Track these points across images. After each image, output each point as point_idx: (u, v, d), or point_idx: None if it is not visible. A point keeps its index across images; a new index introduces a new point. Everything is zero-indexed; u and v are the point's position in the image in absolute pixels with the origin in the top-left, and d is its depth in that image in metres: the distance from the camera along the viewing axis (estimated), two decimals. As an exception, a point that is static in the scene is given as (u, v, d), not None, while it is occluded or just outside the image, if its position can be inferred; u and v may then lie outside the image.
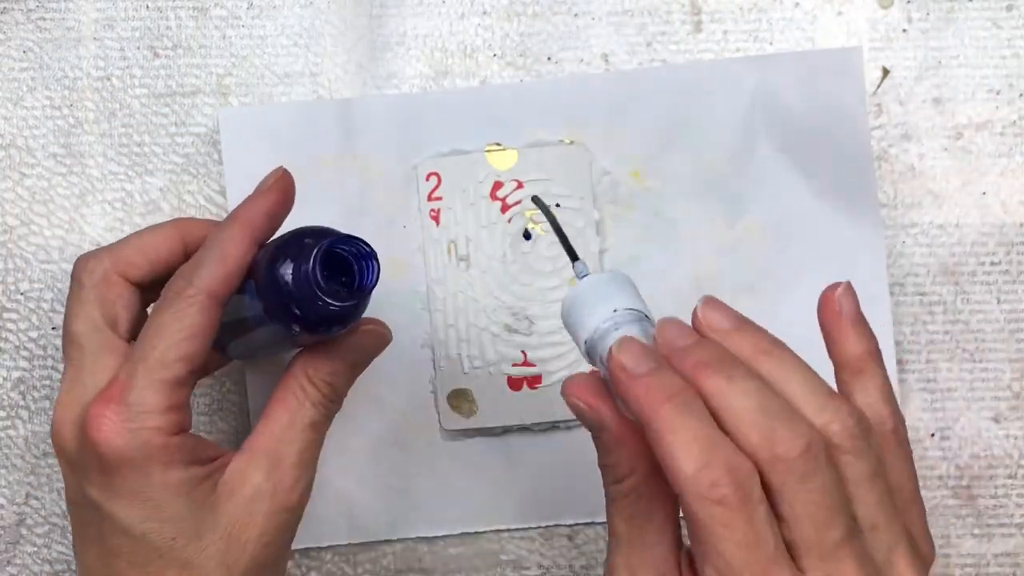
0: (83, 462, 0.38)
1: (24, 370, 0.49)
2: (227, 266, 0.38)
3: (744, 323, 0.35)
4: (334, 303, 0.37)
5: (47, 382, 0.48)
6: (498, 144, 0.48)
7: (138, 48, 0.49)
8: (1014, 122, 0.49)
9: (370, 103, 0.49)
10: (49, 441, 0.48)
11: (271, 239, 0.39)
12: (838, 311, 0.36)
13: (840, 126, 0.48)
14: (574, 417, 0.46)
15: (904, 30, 0.49)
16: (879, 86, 0.49)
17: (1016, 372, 0.49)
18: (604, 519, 0.48)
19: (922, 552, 0.34)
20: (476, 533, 0.49)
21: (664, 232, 0.49)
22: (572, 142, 0.48)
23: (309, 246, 0.36)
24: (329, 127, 0.48)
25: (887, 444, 0.35)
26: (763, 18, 0.49)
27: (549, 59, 0.49)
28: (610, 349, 0.34)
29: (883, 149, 0.49)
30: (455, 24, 0.49)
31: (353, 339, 0.41)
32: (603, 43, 0.49)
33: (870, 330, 0.36)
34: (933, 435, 0.49)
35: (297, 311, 0.37)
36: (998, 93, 0.49)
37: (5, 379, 0.49)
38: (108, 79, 0.49)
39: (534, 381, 0.47)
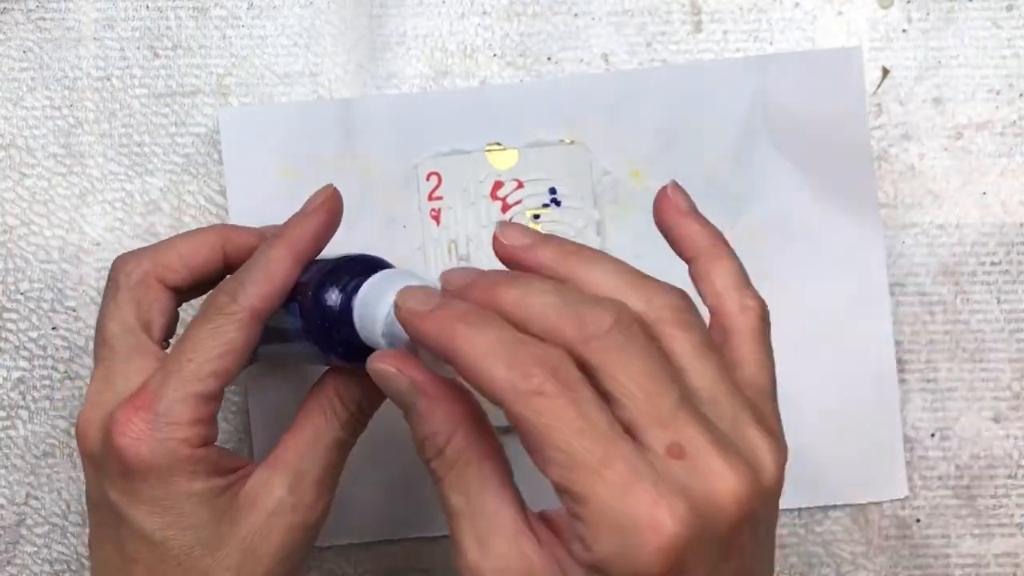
0: (106, 464, 0.38)
1: (24, 370, 0.49)
2: (272, 286, 0.38)
3: (547, 237, 0.34)
4: None
5: (47, 382, 0.48)
6: (498, 144, 0.48)
7: (138, 48, 0.49)
8: (1014, 122, 0.49)
9: (370, 103, 0.49)
10: (49, 441, 0.48)
11: (319, 257, 0.39)
12: (678, 206, 0.36)
13: (840, 126, 0.48)
14: None
15: (904, 30, 0.49)
16: (879, 86, 0.49)
17: (1016, 372, 0.49)
18: (604, 519, 0.48)
19: (776, 434, 0.32)
20: (476, 533, 0.48)
21: (664, 232, 0.48)
22: (572, 142, 0.48)
23: (359, 278, 0.36)
24: (329, 127, 0.48)
25: (743, 330, 0.34)
26: (763, 18, 0.49)
27: (549, 59, 0.49)
28: (394, 303, 0.33)
29: (883, 149, 0.49)
30: (455, 24, 0.49)
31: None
32: (603, 43, 0.49)
33: (710, 223, 0.36)
34: (933, 435, 0.49)
35: (338, 339, 0.37)
36: (998, 93, 0.49)
37: (5, 379, 0.49)
38: (108, 79, 0.49)
39: None
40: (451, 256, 0.48)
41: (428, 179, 0.48)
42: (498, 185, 0.48)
